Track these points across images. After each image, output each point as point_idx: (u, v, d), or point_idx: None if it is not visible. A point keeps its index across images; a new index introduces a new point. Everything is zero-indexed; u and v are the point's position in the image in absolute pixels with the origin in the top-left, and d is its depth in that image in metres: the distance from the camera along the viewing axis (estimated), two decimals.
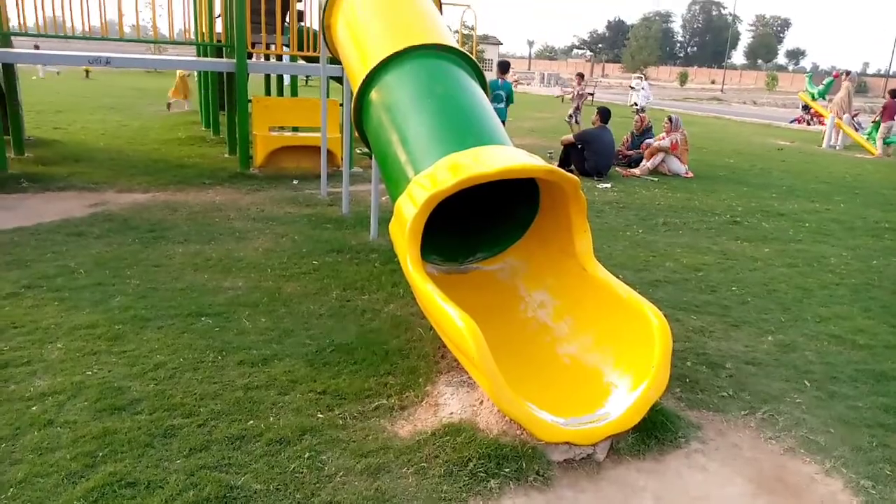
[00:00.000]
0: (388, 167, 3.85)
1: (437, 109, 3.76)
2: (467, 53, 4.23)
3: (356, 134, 4.10)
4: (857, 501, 2.63)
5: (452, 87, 3.93)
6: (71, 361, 3.31)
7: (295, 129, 9.28)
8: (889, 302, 4.93)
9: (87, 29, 7.95)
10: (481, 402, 3.01)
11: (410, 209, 3.21)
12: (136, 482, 2.43)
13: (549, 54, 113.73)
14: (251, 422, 2.87)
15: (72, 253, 4.95)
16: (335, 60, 7.23)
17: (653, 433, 2.95)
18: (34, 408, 2.89)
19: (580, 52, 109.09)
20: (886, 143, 15.07)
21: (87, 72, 26.29)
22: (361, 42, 4.46)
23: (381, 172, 4.01)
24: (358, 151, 9.39)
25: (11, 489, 2.37)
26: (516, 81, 10.32)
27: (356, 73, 4.27)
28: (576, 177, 3.36)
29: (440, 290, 3.03)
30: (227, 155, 9.51)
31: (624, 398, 2.90)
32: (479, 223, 4.22)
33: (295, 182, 7.98)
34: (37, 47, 13.18)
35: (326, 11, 4.71)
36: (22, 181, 7.14)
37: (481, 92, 4.07)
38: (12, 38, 8.56)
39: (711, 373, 3.62)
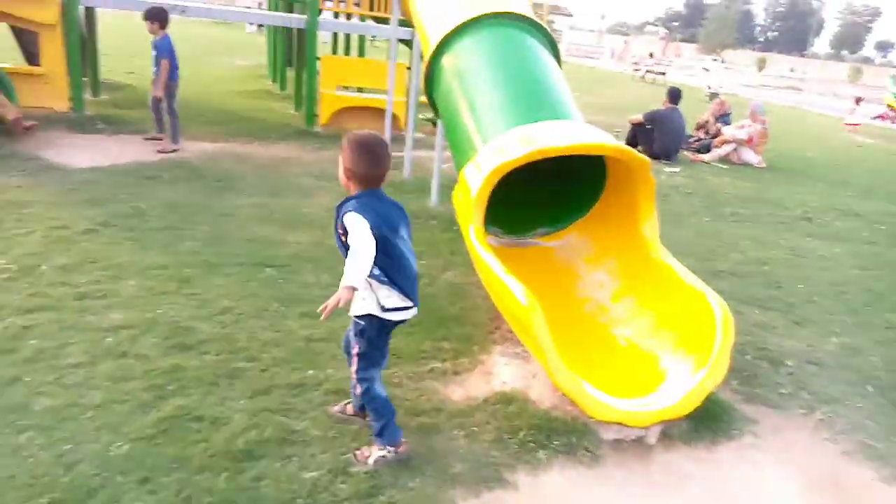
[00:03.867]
0: (455, 134, 3.86)
1: (510, 79, 3.74)
2: (543, 24, 4.17)
3: (421, 99, 4.11)
4: None
5: (526, 58, 3.89)
6: (143, 299, 3.46)
7: (359, 90, 9.32)
8: None
9: None
10: (534, 376, 3.04)
11: (477, 178, 3.23)
12: (202, 417, 2.56)
13: (622, 29, 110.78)
14: (310, 371, 2.97)
15: (144, 195, 5.13)
16: (405, 23, 7.23)
17: (706, 423, 2.93)
18: (109, 339, 3.05)
19: (654, 28, 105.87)
20: None
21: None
22: (436, 8, 4.44)
23: (448, 139, 4.02)
24: (421, 117, 9.38)
25: (90, 412, 2.53)
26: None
27: (430, 37, 4.26)
28: (646, 158, 3.31)
29: (501, 263, 3.05)
30: (292, 111, 9.63)
31: (680, 385, 2.89)
32: (542, 197, 4.20)
33: None
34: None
35: None
36: (98, 123, 7.38)
37: (555, 63, 4.02)
38: None
39: (771, 369, 3.56)
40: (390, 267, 2.39)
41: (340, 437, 2.55)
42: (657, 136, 9.32)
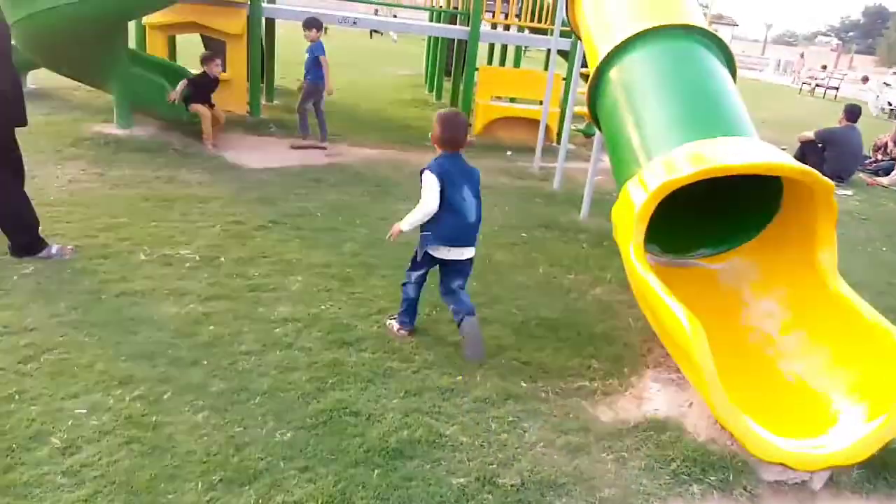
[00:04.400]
0: (618, 149, 3.77)
1: (682, 94, 3.60)
2: (719, 36, 3.97)
3: (576, 110, 4.04)
4: None
5: (700, 72, 3.73)
6: (308, 294, 3.69)
7: (511, 100, 9.37)
8: None
9: None
10: (690, 405, 2.90)
11: (640, 195, 3.13)
12: (358, 412, 2.68)
13: (789, 40, 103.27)
14: (460, 377, 3.02)
15: (311, 196, 5.48)
16: (565, 34, 7.18)
17: (883, 473, 2.66)
18: (277, 330, 3.28)
19: (825, 39, 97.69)
20: None
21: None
22: (605, 18, 4.37)
23: (610, 154, 3.94)
24: (573, 128, 9.28)
25: (259, 397, 2.73)
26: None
27: (597, 49, 4.20)
28: (831, 182, 3.06)
29: (662, 283, 2.94)
30: None
31: (854, 429, 2.64)
32: (706, 217, 4.00)
33: (509, 153, 8.10)
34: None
35: None
36: (271, 126, 7.98)
37: (730, 78, 3.82)
38: None
39: None
40: (438, 218, 3.16)
41: (488, 447, 2.57)
42: (830, 155, 8.60)
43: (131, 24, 7.16)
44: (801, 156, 8.99)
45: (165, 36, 7.58)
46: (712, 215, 3.91)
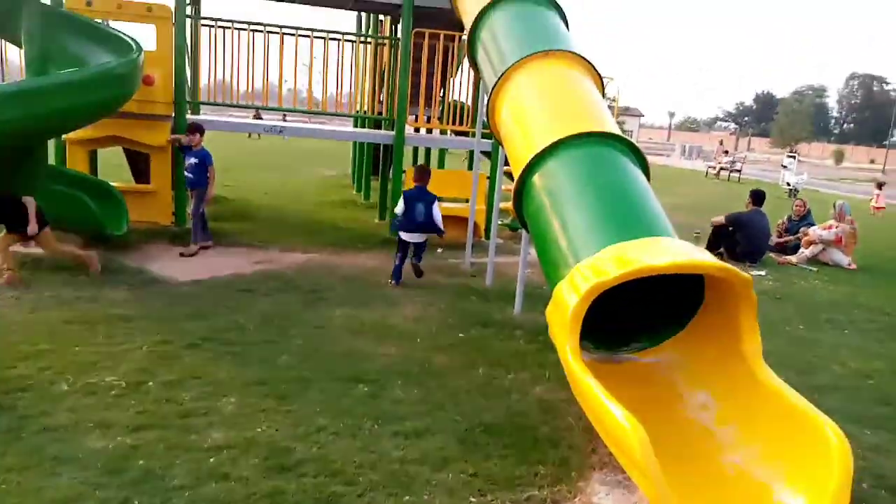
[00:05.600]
0: (547, 251, 3.90)
1: (601, 197, 3.79)
2: (632, 141, 4.25)
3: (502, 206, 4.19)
4: None
5: (617, 175, 3.95)
6: (243, 416, 3.55)
7: (438, 199, 9.59)
8: None
9: (250, 91, 8.79)
10: None
11: (572, 297, 3.23)
12: None
13: (691, 126, 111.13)
14: (407, 497, 2.93)
15: (242, 308, 5.36)
16: (487, 136, 7.52)
17: None
18: (212, 459, 3.12)
19: (724, 124, 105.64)
20: None
21: (248, 134, 28.87)
22: (525, 127, 4.61)
23: (539, 255, 4.07)
24: (500, 223, 9.56)
25: None
26: None
27: (519, 156, 4.40)
28: (748, 275, 3.25)
29: (600, 384, 2.99)
30: (377, 220, 10.02)
31: None
32: (634, 311, 4.14)
33: (440, 251, 8.22)
34: (258, 117, 14.87)
35: (492, 95, 4.92)
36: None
37: (644, 180, 4.06)
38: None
39: (892, 499, 3.28)
40: (402, 218, 6.51)
41: None
42: (741, 238, 9.15)
43: (51, 140, 7.04)
44: (715, 239, 9.54)
45: (87, 150, 7.47)
46: (641, 310, 4.05)
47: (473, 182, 7.44)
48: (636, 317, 4.10)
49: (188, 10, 8.11)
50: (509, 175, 9.17)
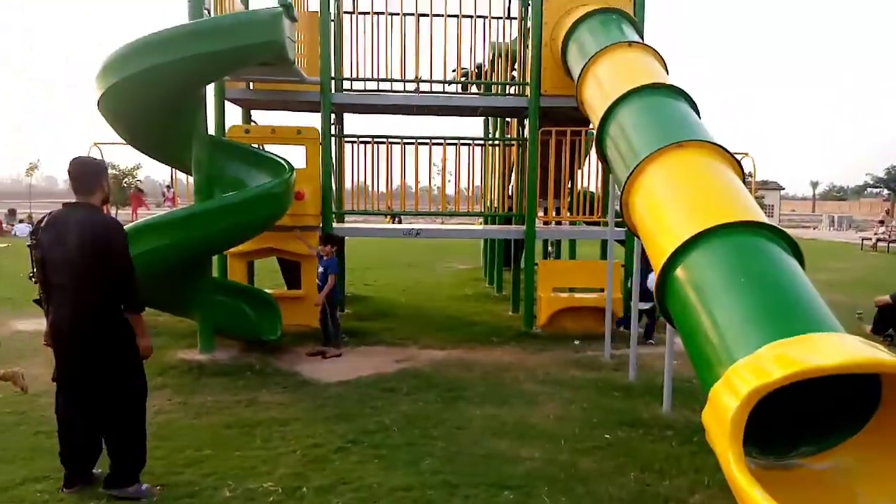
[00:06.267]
0: (698, 349, 3.71)
1: (755, 290, 3.59)
2: (782, 229, 4.04)
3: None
4: None
5: (770, 266, 3.74)
6: None
7: (570, 290, 9.51)
8: None
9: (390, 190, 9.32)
10: None
11: (731, 401, 3.03)
12: None
13: (837, 194, 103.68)
14: None
15: (386, 409, 5.49)
16: (620, 223, 7.43)
17: None
18: None
19: (875, 190, 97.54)
20: None
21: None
22: (664, 219, 4.51)
23: (690, 353, 3.88)
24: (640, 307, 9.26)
25: None
26: None
27: (659, 249, 4.30)
28: None
29: (769, 496, 2.74)
30: (510, 313, 10.05)
31: None
32: (801, 411, 3.81)
33: (577, 342, 8.06)
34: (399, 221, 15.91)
35: (625, 189, 4.90)
36: (344, 336, 8.23)
37: (800, 270, 3.81)
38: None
39: None
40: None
41: None
42: None
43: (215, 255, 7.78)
44: (881, 319, 8.66)
45: (245, 262, 8.17)
46: (809, 410, 3.72)
47: (609, 271, 7.32)
48: (804, 418, 3.76)
49: (333, 130, 8.84)
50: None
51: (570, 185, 9.91)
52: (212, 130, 7.66)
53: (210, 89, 7.53)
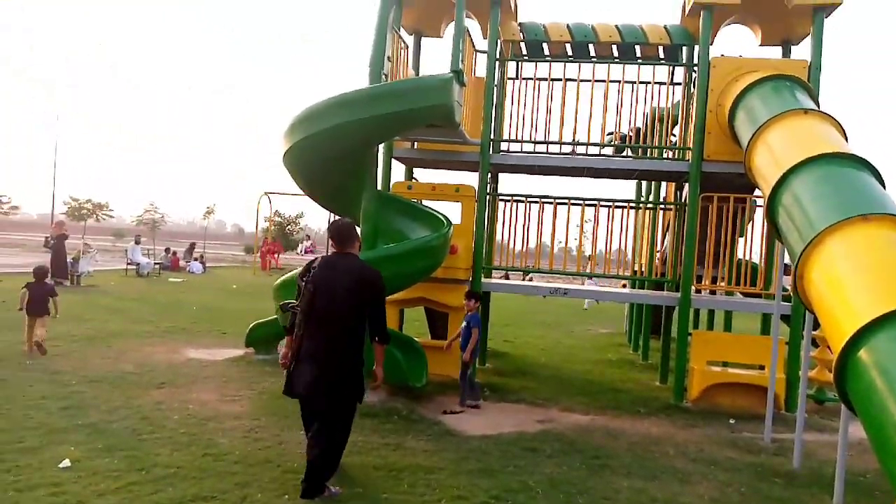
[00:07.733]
0: (885, 440, 3.40)
1: None
2: None
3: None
4: None
5: None
6: None
7: (724, 364, 8.97)
8: None
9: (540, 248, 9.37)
10: None
11: None
12: None
13: None
14: None
15: (528, 469, 5.43)
16: (788, 297, 6.99)
17: None
18: None
19: None
20: None
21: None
22: (844, 295, 4.21)
23: (874, 443, 3.55)
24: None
25: None
26: None
27: (838, 327, 4.01)
28: None
29: None
30: (657, 383, 9.63)
31: None
32: None
33: (732, 421, 7.56)
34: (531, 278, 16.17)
35: (800, 260, 4.64)
36: (485, 390, 8.28)
37: None
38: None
39: None
40: None
41: None
42: None
43: None
44: None
45: (398, 309, 8.51)
46: None
47: (773, 348, 6.86)
48: None
49: (488, 189, 9.13)
50: (815, 341, 8.33)
51: (728, 254, 9.49)
52: (379, 185, 8.18)
53: (380, 147, 8.08)
